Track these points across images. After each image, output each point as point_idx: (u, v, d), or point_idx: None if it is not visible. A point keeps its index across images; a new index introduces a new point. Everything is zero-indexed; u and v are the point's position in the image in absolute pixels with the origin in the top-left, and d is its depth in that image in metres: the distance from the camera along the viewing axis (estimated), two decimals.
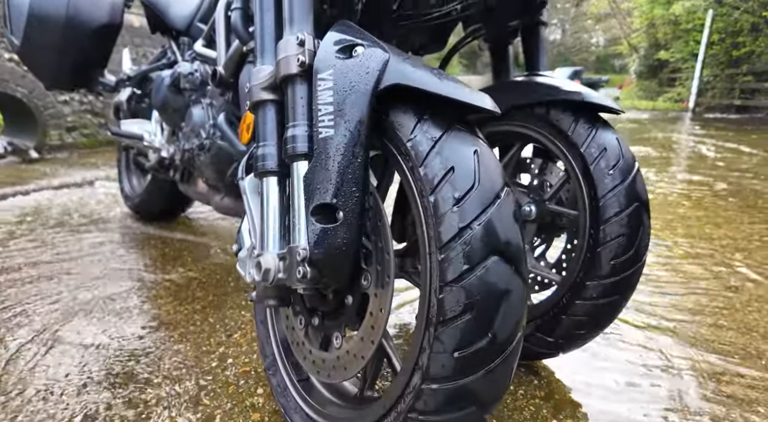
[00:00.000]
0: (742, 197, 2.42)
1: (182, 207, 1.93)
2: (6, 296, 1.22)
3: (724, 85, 11.12)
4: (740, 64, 10.25)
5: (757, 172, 3.07)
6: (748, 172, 3.10)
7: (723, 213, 2.07)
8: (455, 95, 0.50)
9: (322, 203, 0.52)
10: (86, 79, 1.74)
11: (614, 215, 0.73)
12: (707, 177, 2.93)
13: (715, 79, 11.32)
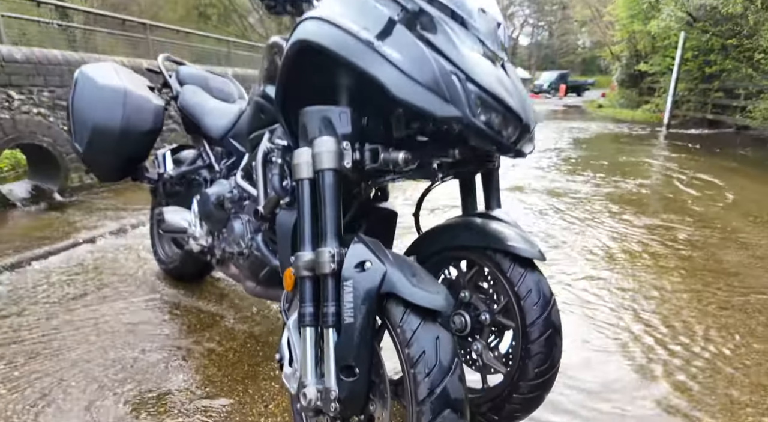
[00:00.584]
0: (705, 254, 2.61)
1: (210, 272, 2.30)
2: (44, 368, 1.58)
3: (698, 99, 11.71)
4: (712, 80, 10.82)
5: (726, 220, 3.32)
6: (717, 218, 3.36)
7: (676, 281, 2.31)
8: (420, 301, 0.87)
9: (346, 364, 0.90)
10: (133, 171, 2.11)
11: (536, 339, 1.12)
12: (670, 222, 3.24)
13: (689, 93, 11.90)
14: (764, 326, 1.88)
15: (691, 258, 2.59)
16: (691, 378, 1.56)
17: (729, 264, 2.50)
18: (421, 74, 0.87)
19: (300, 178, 1.03)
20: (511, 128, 0.98)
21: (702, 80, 11.39)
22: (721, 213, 3.48)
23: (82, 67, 2.06)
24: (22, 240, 2.78)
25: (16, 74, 3.40)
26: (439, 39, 0.92)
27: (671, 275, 2.37)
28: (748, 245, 2.80)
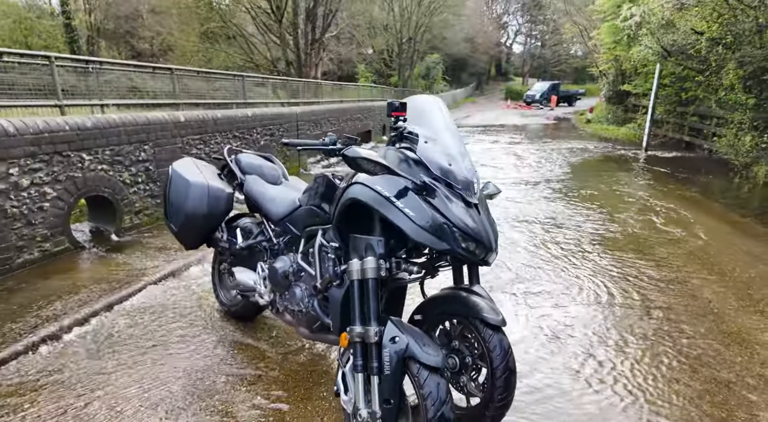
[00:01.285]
0: (671, 344, 2.66)
1: (260, 314, 3.00)
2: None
3: (676, 121, 12.55)
4: (688, 105, 11.66)
5: (706, 283, 3.49)
6: (693, 277, 3.61)
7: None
8: (427, 361, 1.58)
9: (385, 398, 1.61)
10: (209, 240, 2.83)
11: (500, 377, 1.83)
12: (633, 288, 3.40)
13: (668, 114, 12.74)
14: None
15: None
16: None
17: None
18: (424, 223, 1.60)
19: (352, 279, 1.76)
20: (479, 250, 1.71)
21: (679, 104, 12.23)
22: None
23: (173, 165, 2.78)
24: (103, 284, 3.47)
25: (87, 139, 4.10)
26: (435, 200, 1.66)
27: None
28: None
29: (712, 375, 2.39)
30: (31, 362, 2.49)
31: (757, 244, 4.46)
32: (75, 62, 5.45)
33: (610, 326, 2.89)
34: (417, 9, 23.84)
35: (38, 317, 2.91)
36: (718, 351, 2.60)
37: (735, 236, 4.70)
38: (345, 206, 1.83)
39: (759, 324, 2.90)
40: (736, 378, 2.36)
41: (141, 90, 6.35)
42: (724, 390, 2.27)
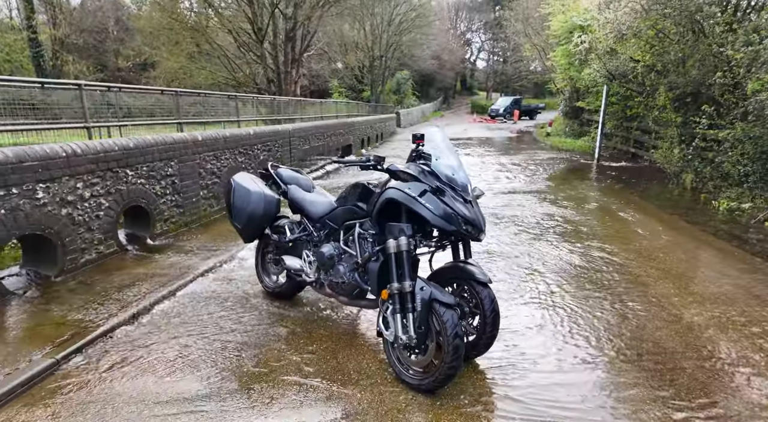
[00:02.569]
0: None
1: (299, 292, 3.82)
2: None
3: (623, 134, 14.13)
4: (632, 120, 13.24)
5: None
6: (617, 247, 5.34)
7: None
8: (446, 300, 2.49)
9: (418, 326, 2.49)
10: (262, 235, 3.64)
11: (488, 318, 2.74)
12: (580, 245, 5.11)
13: (616, 129, 14.32)
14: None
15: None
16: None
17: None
18: (439, 213, 2.52)
19: (389, 253, 2.65)
20: (474, 231, 2.64)
21: (625, 119, 13.83)
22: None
23: (235, 177, 3.60)
24: (157, 278, 4.18)
25: (130, 157, 4.80)
26: (445, 198, 2.59)
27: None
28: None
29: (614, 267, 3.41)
30: (137, 326, 3.22)
31: (674, 232, 5.64)
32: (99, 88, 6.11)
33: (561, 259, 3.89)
34: (387, 28, 25.15)
35: (121, 300, 3.61)
36: (615, 255, 3.65)
37: (660, 227, 5.88)
38: (383, 203, 2.72)
39: (636, 263, 3.97)
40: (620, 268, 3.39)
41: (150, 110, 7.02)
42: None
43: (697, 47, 8.21)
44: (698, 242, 5.36)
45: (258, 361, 2.87)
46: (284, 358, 2.91)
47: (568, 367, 2.81)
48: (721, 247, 5.17)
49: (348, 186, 3.26)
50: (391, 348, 2.73)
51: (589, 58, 13.06)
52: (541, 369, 2.81)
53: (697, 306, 3.60)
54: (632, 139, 13.48)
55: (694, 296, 3.78)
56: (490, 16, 53.05)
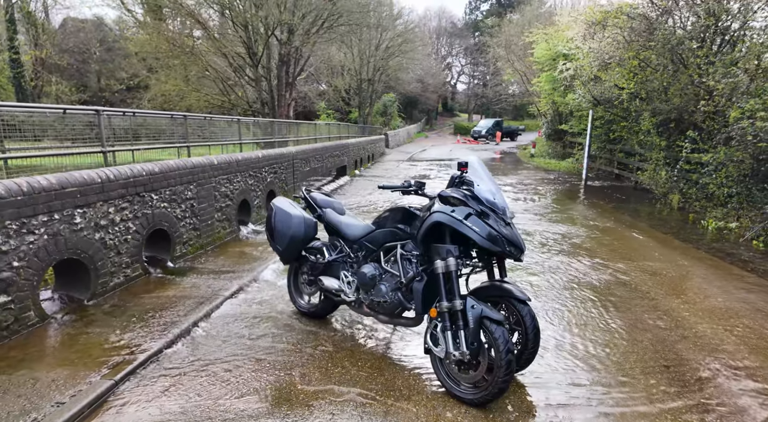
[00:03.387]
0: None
1: (332, 312, 3.94)
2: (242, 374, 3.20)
3: (607, 156, 14.78)
4: (615, 143, 13.92)
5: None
6: (617, 262, 5.65)
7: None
8: (496, 317, 2.67)
9: (471, 343, 2.66)
10: (299, 257, 3.77)
11: (529, 334, 2.93)
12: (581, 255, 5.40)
13: (600, 151, 14.98)
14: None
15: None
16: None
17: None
18: (485, 235, 2.72)
19: (437, 273, 2.84)
20: (516, 252, 2.85)
21: (608, 142, 14.53)
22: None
23: (275, 201, 3.75)
24: (188, 300, 4.23)
25: (155, 182, 4.89)
26: (489, 221, 2.80)
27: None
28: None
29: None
30: (181, 347, 3.28)
31: (670, 251, 5.99)
32: (116, 113, 6.19)
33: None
34: (375, 53, 25.86)
35: (160, 323, 3.66)
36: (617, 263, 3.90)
37: (657, 246, 6.22)
38: (430, 226, 2.91)
39: (640, 279, 4.25)
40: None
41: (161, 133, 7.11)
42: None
43: (678, 77, 8.84)
44: (694, 260, 5.71)
45: (309, 379, 2.97)
46: (333, 375, 3.02)
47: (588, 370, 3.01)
48: (716, 264, 5.52)
49: (386, 210, 3.45)
50: (440, 364, 2.88)
51: (574, 84, 13.77)
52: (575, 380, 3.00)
53: (708, 320, 3.87)
54: (616, 161, 14.13)
55: (704, 312, 4.06)
56: (469, 41, 55.02)
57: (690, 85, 8.31)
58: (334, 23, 15.82)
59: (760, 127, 6.33)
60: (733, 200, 7.52)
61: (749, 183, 7.18)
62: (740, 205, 7.32)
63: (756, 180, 7.06)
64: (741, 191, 7.31)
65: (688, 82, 8.41)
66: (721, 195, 7.75)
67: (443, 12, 55.21)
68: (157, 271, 4.97)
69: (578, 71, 12.99)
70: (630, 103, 10.45)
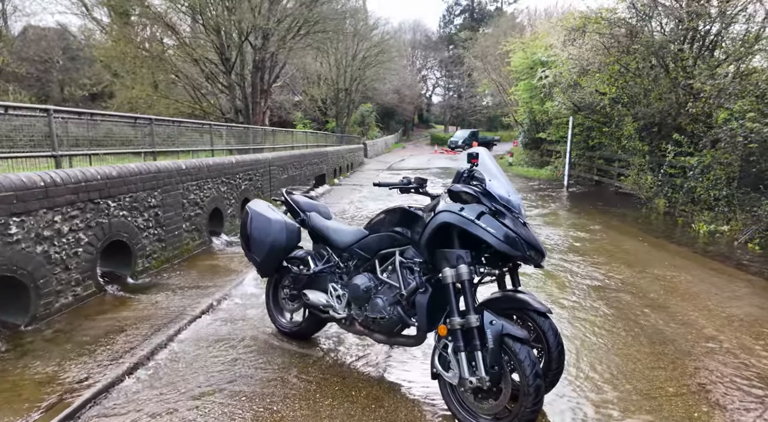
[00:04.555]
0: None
1: (318, 330, 3.43)
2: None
3: (586, 163, 14.80)
4: (595, 150, 13.94)
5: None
6: (615, 263, 5.34)
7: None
8: (520, 335, 2.25)
9: (492, 366, 2.23)
10: (280, 268, 3.27)
11: (553, 351, 2.52)
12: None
13: (580, 158, 15.01)
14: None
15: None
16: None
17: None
18: (502, 237, 2.30)
19: (446, 282, 2.40)
20: (537, 256, 2.44)
21: (587, 149, 14.57)
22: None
23: (251, 205, 3.26)
24: (148, 322, 3.65)
25: (113, 187, 4.31)
26: (505, 220, 2.38)
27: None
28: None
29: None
30: (138, 380, 2.71)
31: (669, 255, 5.75)
32: (71, 114, 5.56)
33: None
34: (352, 62, 25.62)
35: (113, 350, 3.08)
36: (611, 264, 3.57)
37: (653, 250, 5.99)
38: (436, 228, 2.48)
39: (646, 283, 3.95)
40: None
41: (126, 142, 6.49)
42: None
43: (660, 81, 8.82)
44: (694, 263, 5.48)
45: (295, 416, 2.47)
46: (323, 410, 2.52)
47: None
48: (718, 268, 5.30)
49: (381, 211, 3.01)
50: (452, 392, 2.44)
51: (553, 91, 13.77)
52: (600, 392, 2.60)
53: (729, 329, 3.57)
54: (595, 167, 14.15)
55: (721, 319, 3.76)
56: (444, 54, 55.70)
57: (673, 88, 8.27)
58: (311, 30, 15.45)
59: (750, 128, 6.23)
60: (720, 203, 7.42)
61: (737, 186, 7.09)
62: (729, 208, 7.21)
63: (743, 183, 6.97)
64: (729, 193, 7.21)
65: (670, 86, 8.37)
66: (709, 198, 7.66)
67: (418, 25, 55.84)
68: (114, 288, 4.36)
69: (557, 78, 12.99)
70: (612, 109, 10.41)
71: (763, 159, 6.34)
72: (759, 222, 6.40)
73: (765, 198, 6.35)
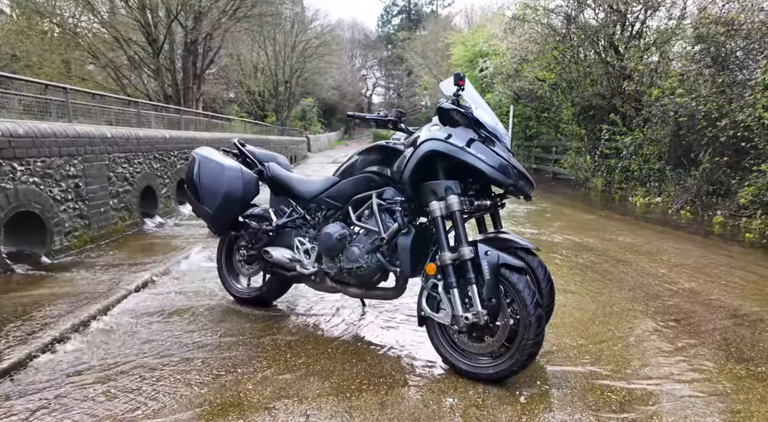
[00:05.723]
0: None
1: (282, 295, 3.05)
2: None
3: (525, 153, 15.43)
4: (532, 139, 14.56)
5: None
6: (562, 229, 5.44)
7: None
8: (517, 264, 2.07)
9: (489, 299, 2.02)
10: (234, 226, 2.85)
11: (544, 287, 2.38)
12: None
13: (518, 148, 15.62)
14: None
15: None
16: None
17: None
18: (495, 164, 2.12)
19: (435, 216, 2.17)
20: (527, 186, 2.28)
21: (525, 139, 15.19)
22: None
23: (198, 151, 2.81)
24: (73, 297, 3.06)
25: (19, 148, 3.60)
26: (495, 147, 2.20)
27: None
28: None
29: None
30: (64, 353, 2.19)
31: (622, 224, 6.01)
32: None
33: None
34: (291, 54, 24.83)
35: (28, 327, 2.50)
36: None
37: (605, 221, 6.23)
38: (421, 159, 2.24)
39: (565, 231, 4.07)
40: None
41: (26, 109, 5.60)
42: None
43: (595, 66, 9.31)
44: (640, 228, 5.75)
45: (264, 376, 2.10)
46: (297, 368, 2.19)
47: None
48: (659, 229, 5.59)
49: (353, 154, 2.72)
50: (442, 334, 2.21)
51: (494, 82, 14.18)
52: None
53: (687, 275, 3.69)
54: (533, 156, 14.78)
55: (678, 267, 3.89)
56: (383, 53, 56.07)
57: (607, 71, 8.75)
58: (248, 13, 14.65)
59: (679, 102, 6.68)
60: (652, 177, 7.94)
61: (666, 161, 7.61)
62: (660, 181, 7.73)
63: (671, 157, 7.50)
64: (660, 168, 7.73)
65: (605, 69, 8.85)
66: (641, 175, 8.17)
67: (356, 24, 55.58)
68: (25, 268, 3.65)
69: (498, 68, 13.38)
70: (551, 95, 10.86)
71: (690, 133, 6.82)
72: (687, 192, 6.89)
73: (693, 169, 6.85)
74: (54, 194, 4.06)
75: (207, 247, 4.37)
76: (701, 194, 6.58)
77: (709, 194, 6.55)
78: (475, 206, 2.31)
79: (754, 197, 5.56)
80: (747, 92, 5.76)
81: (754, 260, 4.15)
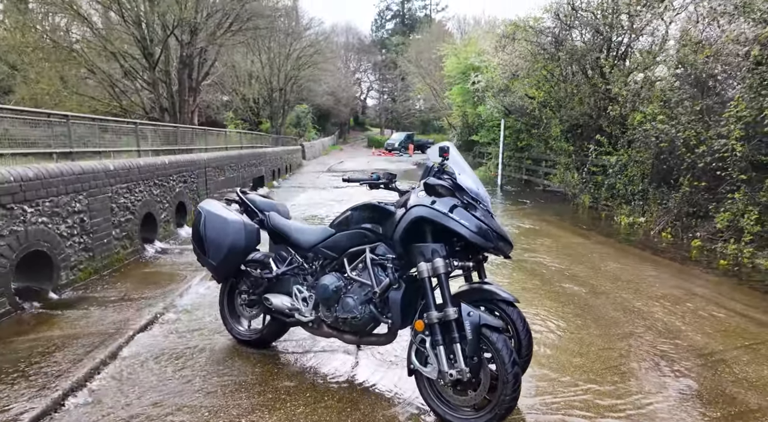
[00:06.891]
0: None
1: (280, 337, 3.26)
2: None
3: (516, 164, 15.72)
4: (523, 151, 14.85)
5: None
6: (544, 246, 5.70)
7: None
8: (496, 325, 2.30)
9: (471, 357, 2.24)
10: (238, 273, 3.05)
11: (522, 338, 2.61)
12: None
13: (510, 159, 15.91)
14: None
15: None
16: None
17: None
18: (475, 229, 2.34)
19: (423, 277, 2.40)
20: (507, 248, 2.51)
21: (516, 150, 15.48)
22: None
23: (203, 205, 3.01)
24: (81, 340, 3.24)
25: (29, 190, 3.77)
26: (476, 212, 2.43)
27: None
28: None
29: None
30: (79, 403, 2.38)
31: (601, 246, 6.26)
32: None
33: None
34: (286, 62, 24.99)
35: (40, 375, 2.68)
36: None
37: (588, 242, 6.48)
38: (411, 223, 2.46)
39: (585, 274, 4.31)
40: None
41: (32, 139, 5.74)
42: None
43: (581, 87, 9.59)
44: (621, 251, 6.01)
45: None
46: (297, 418, 2.39)
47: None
48: (640, 254, 5.86)
49: (348, 209, 2.93)
50: (430, 387, 2.42)
51: (485, 95, 14.46)
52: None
53: (657, 305, 3.94)
54: (524, 167, 15.07)
55: (648, 296, 4.14)
56: (377, 57, 56.30)
57: (593, 93, 9.03)
58: (243, 26, 14.82)
59: (660, 129, 6.96)
60: (636, 197, 8.22)
61: (650, 181, 7.89)
62: (644, 201, 8.01)
63: (655, 179, 7.78)
64: (644, 188, 8.01)
65: (591, 90, 9.14)
66: (627, 193, 8.45)
67: (350, 29, 55.81)
68: (34, 305, 3.82)
69: (489, 83, 13.65)
70: (541, 112, 11.14)
71: (671, 157, 7.10)
72: (669, 213, 7.17)
73: (673, 192, 7.13)
74: (61, 231, 4.23)
75: (206, 276, 4.56)
76: (681, 215, 6.85)
77: (689, 215, 6.83)
78: (459, 266, 2.54)
79: (729, 223, 5.84)
80: (722, 121, 6.05)
81: (726, 292, 4.41)
